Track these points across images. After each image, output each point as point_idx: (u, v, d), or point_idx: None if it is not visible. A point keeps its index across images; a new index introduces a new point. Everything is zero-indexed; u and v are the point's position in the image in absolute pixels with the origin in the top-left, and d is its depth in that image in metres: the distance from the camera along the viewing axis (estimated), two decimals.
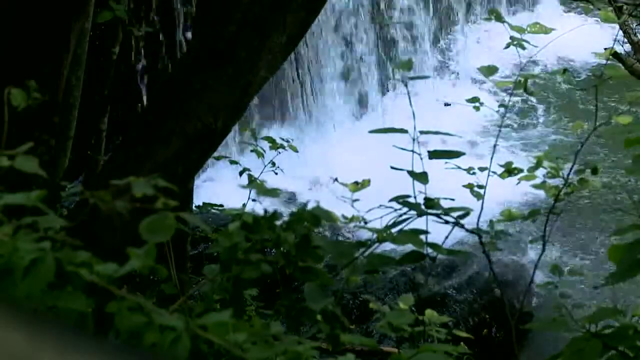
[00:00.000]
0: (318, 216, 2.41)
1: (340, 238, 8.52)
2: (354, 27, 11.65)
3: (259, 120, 10.56)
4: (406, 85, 3.30)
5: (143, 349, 1.92)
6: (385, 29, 12.01)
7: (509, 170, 4.08)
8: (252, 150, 6.24)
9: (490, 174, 3.68)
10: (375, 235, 2.75)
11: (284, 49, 3.64)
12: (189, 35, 9.00)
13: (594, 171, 3.72)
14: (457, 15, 13.44)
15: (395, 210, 2.86)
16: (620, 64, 7.35)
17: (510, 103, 3.82)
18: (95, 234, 3.10)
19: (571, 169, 3.62)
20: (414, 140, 3.09)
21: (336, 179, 3.42)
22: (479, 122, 11.49)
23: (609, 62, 4.08)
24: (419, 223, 2.82)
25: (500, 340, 8.01)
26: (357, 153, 10.07)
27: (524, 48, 3.90)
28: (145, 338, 2.03)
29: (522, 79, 3.85)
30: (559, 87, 12.53)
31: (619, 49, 7.46)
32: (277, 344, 2.14)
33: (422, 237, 2.72)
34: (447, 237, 2.94)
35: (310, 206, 2.45)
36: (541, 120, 12.10)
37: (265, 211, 2.42)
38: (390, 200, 2.88)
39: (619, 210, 9.77)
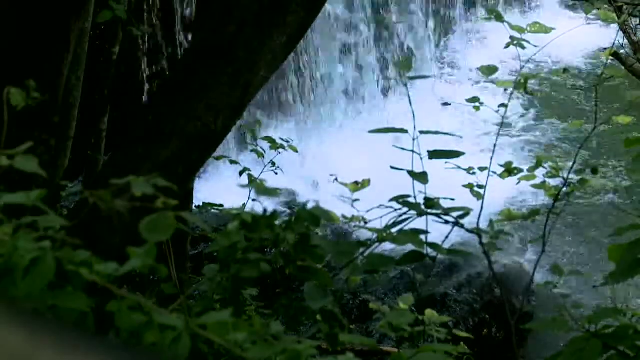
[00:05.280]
0: (317, 216, 2.41)
1: (340, 238, 8.51)
2: (354, 27, 11.65)
3: (258, 120, 10.55)
4: (406, 85, 3.30)
5: (143, 349, 1.92)
6: (385, 29, 12.01)
7: (509, 170, 4.09)
8: (252, 150, 6.24)
9: (490, 174, 3.68)
10: (375, 235, 2.75)
11: (283, 49, 3.64)
12: (189, 35, 9.00)
13: (594, 171, 3.72)
14: (457, 15, 13.44)
15: (395, 210, 2.86)
16: (621, 64, 7.35)
17: (510, 103, 3.82)
18: (95, 234, 3.10)
19: (571, 168, 3.62)
20: (414, 140, 3.10)
21: (336, 179, 3.41)
22: (478, 122, 11.50)
23: (609, 62, 4.08)
24: (419, 223, 2.82)
25: (500, 340, 8.01)
26: (357, 153, 10.07)
27: (523, 48, 3.90)
28: (145, 337, 2.03)
29: (522, 79, 3.85)
30: (559, 87, 12.53)
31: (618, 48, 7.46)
32: (277, 343, 2.14)
33: (422, 237, 2.72)
34: (447, 237, 2.94)
35: (309, 206, 2.45)
36: (541, 120, 12.10)
37: (265, 211, 2.42)
38: (390, 200, 2.88)
39: (619, 210, 9.77)
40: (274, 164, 6.24)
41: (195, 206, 6.35)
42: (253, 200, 5.02)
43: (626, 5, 6.93)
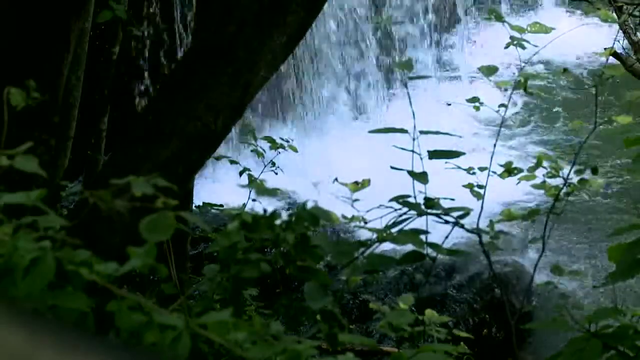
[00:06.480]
0: (317, 216, 2.41)
1: (340, 238, 8.51)
2: (354, 27, 11.65)
3: (258, 120, 10.56)
4: (406, 85, 3.31)
5: (143, 349, 1.92)
6: (385, 29, 12.01)
7: (509, 170, 4.08)
8: (252, 150, 6.24)
9: (490, 174, 3.69)
10: (375, 235, 2.75)
11: (284, 49, 3.64)
12: (189, 35, 9.00)
13: (594, 171, 3.72)
14: (458, 15, 13.45)
15: (395, 210, 2.87)
16: (621, 64, 7.35)
17: (510, 103, 3.82)
18: (95, 234, 3.10)
19: (571, 169, 3.61)
20: (414, 140, 3.10)
21: (336, 179, 3.42)
22: (478, 122, 11.50)
23: (608, 62, 4.08)
24: (419, 223, 2.83)
25: (500, 340, 8.01)
26: (357, 153, 10.07)
27: (524, 48, 3.90)
28: (145, 337, 2.04)
29: (522, 79, 3.85)
30: (558, 87, 12.53)
31: (618, 48, 7.45)
32: (277, 343, 2.15)
33: (422, 237, 2.72)
34: (447, 237, 2.94)
35: (309, 206, 2.45)
36: (541, 120, 12.10)
37: (265, 211, 2.42)
38: (390, 200, 2.88)
39: (619, 210, 9.77)
40: (274, 164, 6.24)
41: (195, 206, 6.35)
42: (253, 200, 5.03)
43: (626, 5, 6.93)
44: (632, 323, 2.78)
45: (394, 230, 2.76)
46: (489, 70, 3.79)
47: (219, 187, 9.45)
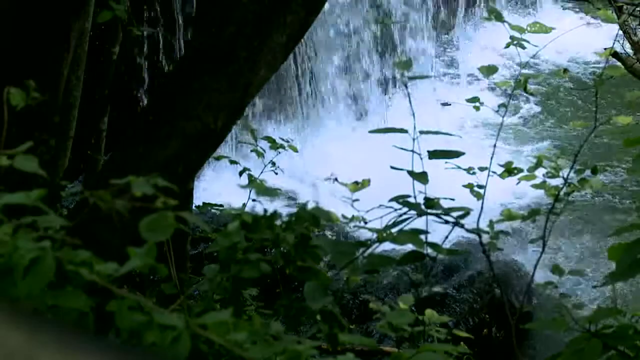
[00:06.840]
0: (317, 216, 2.41)
1: (340, 238, 8.51)
2: (354, 27, 11.65)
3: (258, 120, 10.56)
4: (406, 85, 3.31)
5: (143, 349, 1.92)
6: (385, 28, 12.01)
7: (509, 170, 4.09)
8: (252, 150, 6.23)
9: (490, 174, 3.68)
10: (375, 235, 2.75)
11: (284, 49, 3.64)
12: (189, 35, 9.00)
13: (594, 171, 3.72)
14: (457, 14, 13.45)
15: (395, 210, 2.86)
16: (620, 64, 7.35)
17: (510, 103, 3.82)
18: (95, 234, 3.10)
19: (571, 168, 3.61)
20: (414, 140, 3.10)
21: (336, 179, 3.42)
22: (478, 122, 11.50)
23: (609, 62, 4.09)
24: (419, 223, 2.83)
25: (500, 340, 8.01)
26: (357, 153, 10.07)
27: (524, 48, 3.90)
28: (145, 337, 2.03)
29: (522, 79, 3.85)
30: (558, 87, 12.53)
31: (618, 48, 7.46)
32: (277, 343, 2.15)
33: (422, 237, 2.72)
34: (447, 237, 2.94)
35: (309, 206, 2.45)
36: (541, 120, 12.09)
37: (265, 211, 2.42)
38: (390, 200, 2.88)
39: (619, 210, 9.77)
40: (274, 164, 6.24)
41: (195, 206, 6.34)
42: (253, 200, 5.03)
43: (626, 5, 6.93)
44: (632, 323, 2.78)
45: (394, 230, 2.76)
46: (489, 71, 3.79)
47: (219, 187, 9.45)
